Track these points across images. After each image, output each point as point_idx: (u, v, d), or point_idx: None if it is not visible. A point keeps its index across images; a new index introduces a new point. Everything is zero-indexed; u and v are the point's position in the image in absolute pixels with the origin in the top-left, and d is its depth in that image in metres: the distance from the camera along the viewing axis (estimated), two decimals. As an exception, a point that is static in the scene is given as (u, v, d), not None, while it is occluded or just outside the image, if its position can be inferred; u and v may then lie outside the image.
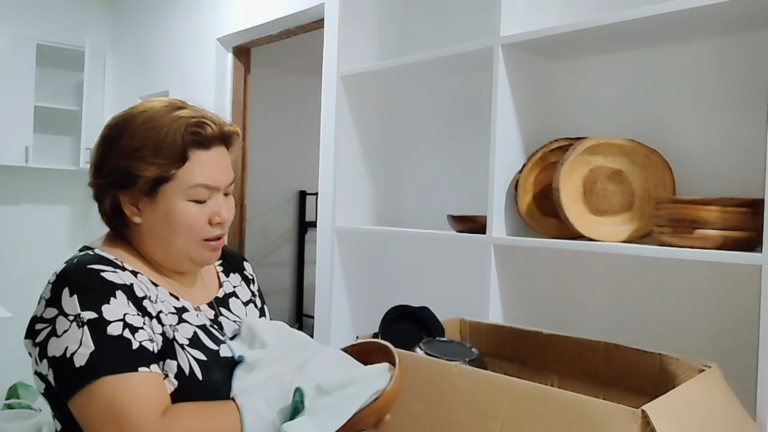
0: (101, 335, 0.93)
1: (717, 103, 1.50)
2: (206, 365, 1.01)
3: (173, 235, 1.06)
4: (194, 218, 1.06)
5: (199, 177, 1.05)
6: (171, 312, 1.04)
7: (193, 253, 1.09)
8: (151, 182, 1.03)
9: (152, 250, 1.09)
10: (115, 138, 1.06)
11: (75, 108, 4.23)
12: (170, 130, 1.03)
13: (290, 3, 2.78)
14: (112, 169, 1.05)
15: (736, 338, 1.42)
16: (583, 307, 1.73)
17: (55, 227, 4.49)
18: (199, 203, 1.06)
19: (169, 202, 1.04)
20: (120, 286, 0.99)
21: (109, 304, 0.96)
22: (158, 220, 1.05)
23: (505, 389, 1.10)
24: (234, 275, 1.27)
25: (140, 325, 0.97)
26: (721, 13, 1.31)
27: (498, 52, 1.62)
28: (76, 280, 0.97)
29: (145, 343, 0.96)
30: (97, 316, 0.94)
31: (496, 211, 1.64)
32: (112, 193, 1.06)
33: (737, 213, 1.28)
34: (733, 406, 1.15)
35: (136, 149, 1.03)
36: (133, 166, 1.03)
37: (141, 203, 1.06)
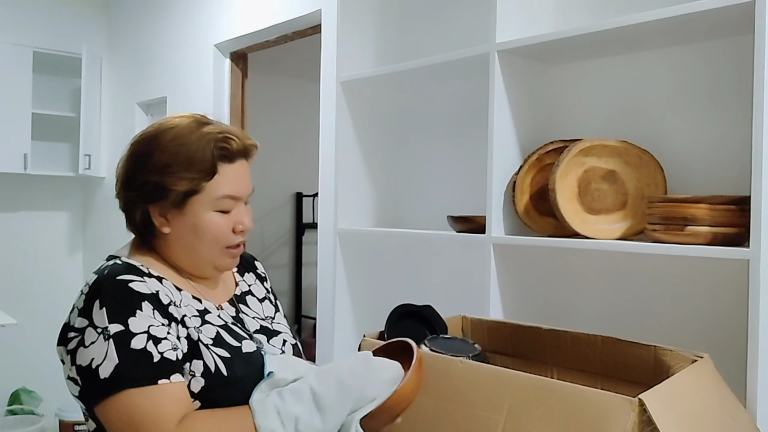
0: (125, 349, 0.98)
1: (705, 104, 1.56)
2: (230, 361, 1.07)
3: (200, 243, 1.13)
4: (220, 228, 1.13)
5: (225, 189, 1.12)
6: (194, 315, 1.10)
7: (216, 261, 1.16)
8: (183, 195, 1.10)
9: (178, 257, 1.15)
10: (145, 154, 1.12)
11: (72, 114, 4.26)
12: (200, 146, 1.10)
13: (287, 9, 2.83)
14: (142, 183, 1.11)
15: (725, 329, 1.48)
16: (580, 303, 1.78)
17: (55, 234, 4.52)
18: (224, 213, 1.14)
19: (197, 213, 1.11)
20: (147, 296, 1.04)
21: (135, 317, 1.01)
22: (186, 230, 1.12)
23: (508, 382, 1.15)
24: (248, 275, 1.34)
25: (164, 335, 1.02)
26: (706, 20, 1.37)
27: (494, 58, 1.67)
28: (106, 292, 1.02)
29: (167, 353, 1.01)
30: (123, 328, 0.99)
31: (495, 211, 1.69)
32: (142, 206, 1.12)
33: (725, 210, 1.33)
34: (724, 393, 1.21)
35: (167, 164, 1.09)
36: (165, 180, 1.09)
37: (170, 214, 1.12)
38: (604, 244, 1.51)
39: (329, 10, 2.56)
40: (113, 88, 4.32)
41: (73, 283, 4.56)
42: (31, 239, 4.41)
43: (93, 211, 4.51)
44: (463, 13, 2.09)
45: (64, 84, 4.40)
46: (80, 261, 4.61)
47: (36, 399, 4.06)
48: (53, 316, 4.41)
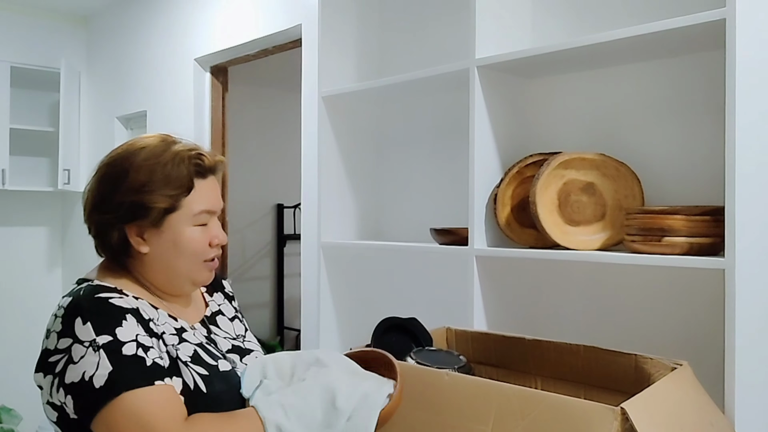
0: (117, 356, 0.98)
1: (679, 117, 1.60)
2: (209, 379, 1.08)
3: (179, 259, 1.14)
4: (198, 242, 1.15)
5: (202, 204, 1.15)
6: (172, 333, 1.11)
7: (194, 275, 1.18)
8: (162, 212, 1.11)
9: (155, 276, 1.16)
10: (119, 175, 1.12)
11: (51, 129, 4.23)
12: (175, 163, 1.12)
13: (267, 24, 2.84)
14: (118, 204, 1.11)
15: (703, 337, 1.52)
16: (561, 312, 1.81)
17: (33, 249, 4.47)
18: (201, 227, 1.16)
19: (176, 229, 1.13)
20: (128, 309, 1.05)
21: (122, 327, 1.02)
22: (165, 247, 1.13)
23: (494, 394, 1.17)
24: (217, 294, 1.35)
25: (150, 344, 1.03)
26: (680, 36, 1.41)
27: (474, 73, 1.70)
28: (87, 308, 1.02)
29: (156, 359, 1.02)
30: (112, 338, 1.00)
31: (477, 223, 1.71)
32: (119, 227, 1.12)
33: (701, 221, 1.37)
34: (703, 400, 1.24)
35: (144, 183, 1.10)
36: (144, 199, 1.10)
37: (147, 233, 1.12)
38: (584, 255, 1.54)
39: (309, 25, 2.58)
40: (92, 103, 4.30)
41: (52, 299, 4.47)
42: (9, 255, 4.36)
43: (72, 226, 4.47)
44: (442, 29, 2.13)
45: (42, 98, 4.37)
46: (59, 276, 4.56)
47: (16, 417, 4.00)
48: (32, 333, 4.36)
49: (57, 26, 4.30)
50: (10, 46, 4.07)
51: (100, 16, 4.23)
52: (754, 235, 1.30)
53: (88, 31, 4.38)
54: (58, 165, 4.06)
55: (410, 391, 1.26)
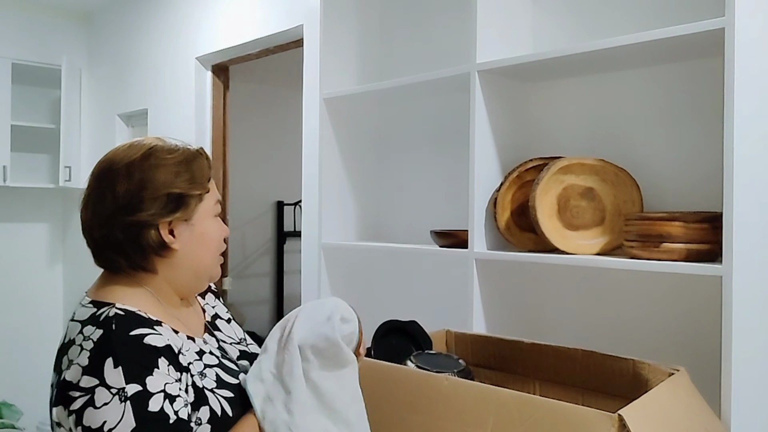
0: (143, 412, 0.94)
1: (678, 123, 1.61)
2: (234, 401, 1.07)
3: (206, 253, 1.15)
4: (219, 233, 1.17)
5: (216, 194, 1.17)
6: (196, 359, 1.08)
7: (213, 270, 1.19)
8: (196, 201, 1.11)
9: (182, 275, 1.13)
10: (147, 170, 1.08)
11: (52, 126, 4.23)
12: (195, 158, 1.14)
13: (269, 24, 2.85)
14: (152, 200, 1.07)
15: (700, 343, 1.53)
16: (560, 316, 1.82)
17: (34, 246, 4.48)
18: (217, 220, 1.17)
19: (203, 220, 1.13)
20: (162, 350, 1.00)
21: (153, 376, 0.97)
22: (195, 241, 1.12)
23: (493, 399, 1.18)
24: (208, 295, 1.33)
25: (177, 392, 0.99)
26: (679, 44, 1.42)
27: (474, 77, 1.71)
28: (120, 350, 0.97)
29: (181, 412, 0.98)
30: (141, 389, 0.95)
31: (477, 226, 1.73)
32: (156, 224, 1.08)
33: (699, 227, 1.38)
34: (700, 406, 1.25)
35: (177, 174, 1.09)
36: (180, 190, 1.09)
37: (177, 228, 1.10)
38: (582, 260, 1.55)
39: (311, 26, 2.59)
40: (93, 100, 4.30)
41: (53, 295, 4.53)
42: (10, 251, 4.37)
43: (73, 222, 4.48)
44: (443, 33, 2.13)
45: (43, 95, 4.38)
46: (60, 273, 4.58)
47: (16, 413, 4.02)
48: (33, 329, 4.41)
49: (58, 23, 4.30)
50: (12, 43, 4.07)
51: (102, 13, 4.23)
52: (752, 242, 1.31)
53: (89, 28, 4.38)
54: (59, 162, 4.07)
55: (408, 395, 1.28)
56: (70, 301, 4.51)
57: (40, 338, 4.45)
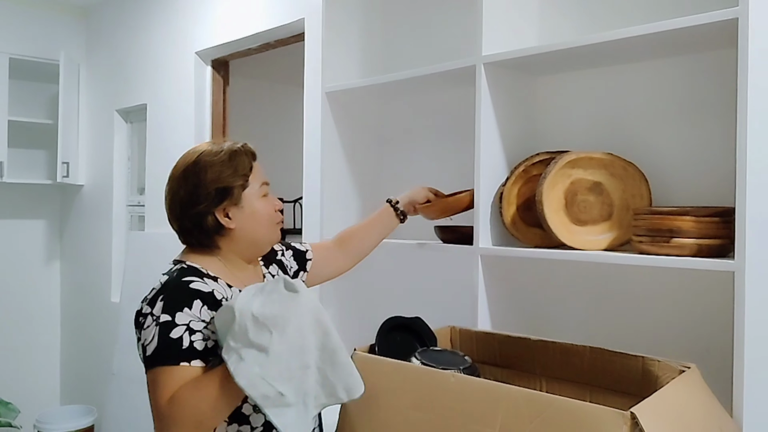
0: (165, 337, 1.23)
1: (689, 117, 1.58)
2: None
3: (259, 227, 1.44)
4: (268, 209, 1.46)
5: (261, 178, 1.46)
6: None
7: (272, 236, 1.48)
8: (240, 190, 1.40)
9: (242, 244, 1.43)
10: (198, 174, 1.39)
11: (50, 121, 4.20)
12: (234, 153, 1.43)
13: (270, 18, 2.82)
14: (206, 194, 1.38)
15: (711, 340, 1.50)
16: (567, 313, 1.80)
17: (32, 242, 4.45)
18: (266, 198, 1.46)
19: (251, 203, 1.42)
20: (202, 294, 1.29)
21: (182, 312, 1.26)
22: (247, 219, 1.42)
23: (501, 396, 1.15)
24: (272, 266, 1.59)
25: (200, 329, 1.26)
26: (691, 35, 1.40)
27: (480, 70, 1.68)
28: (169, 290, 1.29)
29: (197, 342, 1.24)
30: (170, 319, 1.25)
31: (482, 222, 1.70)
32: (211, 212, 1.38)
33: (710, 222, 1.36)
34: (712, 404, 1.23)
35: (221, 172, 1.39)
36: (226, 182, 1.39)
37: (231, 212, 1.40)
38: (590, 255, 1.52)
39: (313, 20, 2.56)
40: (91, 95, 4.27)
41: (50, 292, 4.50)
42: (7, 247, 4.34)
43: (70, 219, 4.45)
44: (448, 24, 2.11)
45: (41, 90, 4.35)
46: (57, 269, 4.55)
47: (13, 411, 3.99)
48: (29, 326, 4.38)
49: (57, 18, 4.27)
50: (10, 38, 4.04)
51: (100, 7, 4.20)
52: (765, 236, 1.29)
53: (87, 22, 4.35)
54: (57, 158, 4.04)
55: (414, 393, 1.25)
56: (67, 298, 4.48)
57: (38, 336, 4.42)
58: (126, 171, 4.08)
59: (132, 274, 3.67)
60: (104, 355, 3.88)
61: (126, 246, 3.88)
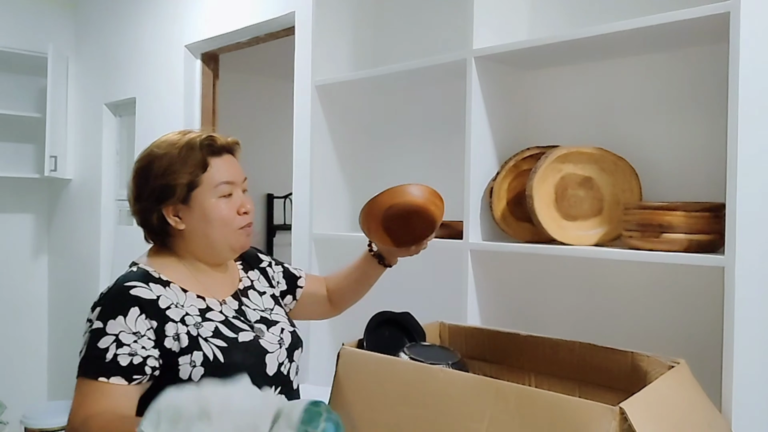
0: (93, 345, 1.18)
1: (680, 111, 1.58)
2: (227, 350, 1.24)
3: (211, 229, 1.30)
4: (225, 211, 1.31)
5: (219, 176, 1.31)
6: (196, 314, 1.27)
7: (232, 241, 1.33)
8: (186, 189, 1.28)
9: (196, 248, 1.33)
10: (147, 167, 1.30)
11: (38, 115, 4.16)
12: (189, 146, 1.30)
13: (260, 11, 2.80)
14: (152, 190, 1.29)
15: (700, 335, 1.50)
16: (557, 308, 1.79)
17: (19, 237, 4.41)
18: (225, 199, 1.31)
19: (202, 203, 1.29)
20: (141, 301, 1.21)
21: (115, 321, 1.18)
22: (197, 220, 1.30)
23: (490, 391, 1.14)
24: (252, 272, 1.49)
25: (128, 342, 1.18)
26: (682, 29, 1.39)
27: (471, 64, 1.67)
28: (108, 295, 1.23)
29: (121, 357, 1.16)
30: (102, 327, 1.18)
31: (472, 217, 1.69)
32: (156, 209, 1.30)
33: (701, 217, 1.35)
34: (701, 399, 1.22)
35: (166, 167, 1.28)
36: (169, 180, 1.28)
37: (181, 212, 1.30)
38: (580, 251, 1.52)
39: (303, 13, 2.54)
40: (80, 89, 4.22)
41: (38, 287, 4.46)
42: (-5, 242, 4.31)
43: (59, 213, 4.41)
44: (438, 18, 2.09)
45: (29, 83, 4.30)
46: (45, 264, 4.51)
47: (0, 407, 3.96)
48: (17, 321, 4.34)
49: (45, 10, 4.22)
50: (-3, 30, 4.00)
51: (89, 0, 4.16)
52: (755, 232, 1.29)
53: (76, 15, 4.30)
54: (45, 151, 4.00)
55: (402, 388, 1.24)
56: (55, 293, 4.44)
57: (25, 331, 4.38)
58: (114, 165, 4.05)
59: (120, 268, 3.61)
60: (92, 351, 3.85)
61: (114, 240, 3.85)
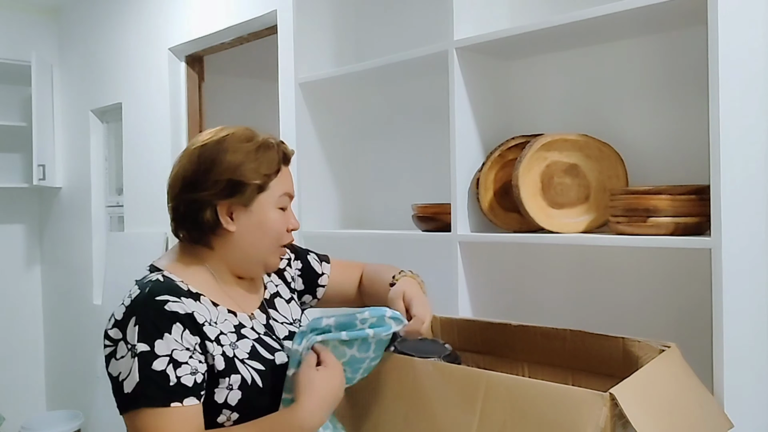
0: (147, 369, 1.04)
1: (662, 96, 1.58)
2: (264, 374, 1.15)
3: (262, 240, 1.22)
4: (279, 224, 1.23)
5: (285, 187, 1.24)
6: (230, 331, 1.17)
7: (269, 259, 1.25)
8: (256, 190, 1.19)
9: (234, 256, 1.22)
10: (215, 156, 1.18)
11: (24, 124, 4.14)
12: (266, 146, 1.22)
13: (242, 11, 2.78)
14: (215, 182, 1.17)
15: (690, 318, 1.50)
16: (547, 297, 1.79)
17: (11, 247, 4.39)
18: (280, 211, 1.23)
19: (264, 209, 1.20)
20: (180, 316, 1.09)
21: (162, 339, 1.06)
22: (251, 227, 1.20)
23: (481, 383, 1.14)
24: (273, 275, 1.40)
25: (185, 359, 1.07)
26: (662, 11, 1.38)
27: (453, 55, 1.67)
28: (142, 311, 1.08)
29: (184, 378, 1.06)
30: (149, 349, 1.05)
31: (460, 208, 1.69)
32: (213, 204, 1.17)
33: (686, 200, 1.35)
34: (692, 382, 1.22)
35: (241, 162, 1.17)
36: (241, 176, 1.17)
37: (236, 212, 1.19)
38: (568, 238, 1.52)
39: (285, 11, 2.53)
40: (66, 96, 4.20)
41: (31, 298, 4.44)
42: (-15, 253, 4.29)
43: (50, 222, 4.39)
44: (419, 11, 2.09)
45: (13, 92, 4.27)
46: (38, 273, 4.49)
47: (-2, 418, 3.95)
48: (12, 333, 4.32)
49: (27, 18, 4.19)
50: (-22, 40, 3.97)
51: (72, 7, 4.13)
52: (740, 213, 1.29)
53: (59, 22, 4.27)
54: (33, 160, 3.98)
55: (394, 382, 1.24)
56: (49, 303, 4.42)
57: (21, 342, 4.36)
58: (104, 171, 4.03)
59: (113, 275, 3.63)
60: (88, 359, 3.84)
61: (106, 247, 3.83)
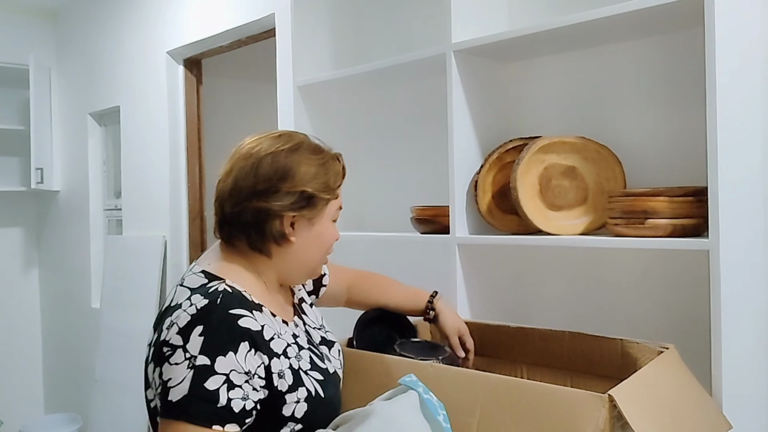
0: (199, 385, 0.99)
1: (660, 98, 1.58)
2: (324, 384, 1.14)
3: (318, 251, 1.22)
4: (332, 238, 1.24)
5: (340, 200, 1.24)
6: (292, 342, 1.14)
7: (317, 268, 1.26)
8: (325, 204, 1.18)
9: (286, 265, 1.19)
10: (291, 164, 1.14)
11: (22, 127, 4.13)
12: (333, 160, 1.21)
13: (240, 14, 2.79)
14: (289, 193, 1.13)
15: (689, 320, 1.51)
16: (545, 299, 1.79)
17: (9, 251, 4.38)
18: (334, 223, 1.24)
19: (323, 222, 1.20)
20: (251, 334, 1.04)
21: (225, 357, 1.00)
22: (310, 238, 1.19)
23: (480, 384, 1.15)
24: None
25: (240, 383, 1.01)
26: (659, 14, 1.39)
27: (451, 58, 1.67)
28: (212, 323, 1.02)
29: (234, 402, 1.00)
30: (209, 364, 0.99)
31: (458, 211, 1.69)
32: (281, 215, 1.14)
33: (684, 202, 1.35)
34: (691, 383, 1.23)
35: (315, 175, 1.16)
36: (315, 189, 1.15)
37: (298, 223, 1.16)
38: (567, 240, 1.52)
39: (283, 14, 2.54)
40: (64, 99, 4.20)
41: (29, 301, 4.43)
42: (-17, 257, 4.28)
43: (48, 225, 4.38)
44: (417, 14, 2.09)
45: (11, 96, 4.27)
46: (36, 276, 4.48)
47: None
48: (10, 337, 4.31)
49: (25, 21, 4.19)
50: (-24, 44, 3.97)
51: (70, 10, 4.13)
52: (738, 214, 1.29)
53: (57, 25, 4.27)
54: (31, 164, 3.98)
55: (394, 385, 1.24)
56: (47, 307, 4.42)
57: (18, 346, 4.35)
58: (102, 175, 4.03)
59: (111, 279, 3.63)
60: (87, 362, 3.84)
61: (104, 251, 3.83)
